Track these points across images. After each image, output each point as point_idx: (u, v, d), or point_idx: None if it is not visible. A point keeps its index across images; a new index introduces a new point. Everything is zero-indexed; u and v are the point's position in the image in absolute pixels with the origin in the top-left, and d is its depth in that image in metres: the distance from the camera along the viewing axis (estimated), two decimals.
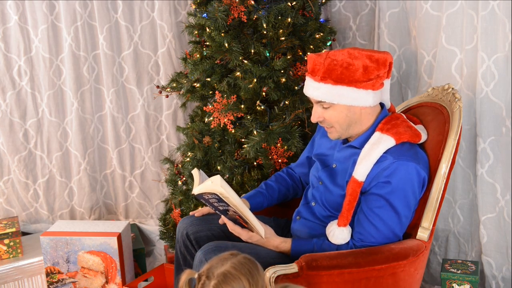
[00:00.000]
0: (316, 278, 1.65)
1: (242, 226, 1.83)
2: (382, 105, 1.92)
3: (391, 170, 1.72)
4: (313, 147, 2.09)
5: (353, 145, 1.86)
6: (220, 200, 1.73)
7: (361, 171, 1.75)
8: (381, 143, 1.76)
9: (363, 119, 1.84)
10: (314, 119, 1.87)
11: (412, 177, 1.75)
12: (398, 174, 1.72)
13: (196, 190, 1.77)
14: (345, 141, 1.92)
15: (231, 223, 1.83)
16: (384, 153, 1.75)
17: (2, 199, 3.10)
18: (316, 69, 1.81)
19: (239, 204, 1.72)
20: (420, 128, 1.93)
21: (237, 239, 1.85)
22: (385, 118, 1.86)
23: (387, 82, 1.89)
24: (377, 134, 1.80)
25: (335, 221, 1.79)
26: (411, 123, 1.90)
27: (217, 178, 1.71)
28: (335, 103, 1.79)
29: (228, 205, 1.74)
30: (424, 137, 1.90)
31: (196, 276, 1.32)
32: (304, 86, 1.88)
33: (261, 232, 1.78)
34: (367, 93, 1.79)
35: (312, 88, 1.82)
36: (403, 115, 1.92)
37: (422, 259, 1.79)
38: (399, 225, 1.76)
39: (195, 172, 1.86)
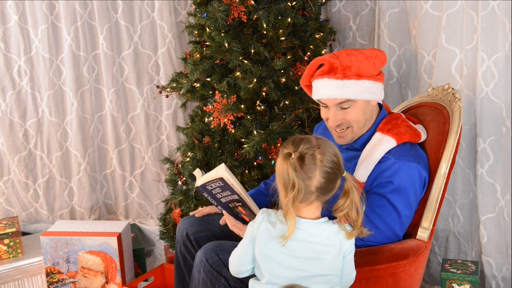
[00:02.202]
0: None
1: (244, 222, 1.82)
2: (380, 105, 1.93)
3: (393, 171, 1.72)
4: None
5: (354, 147, 1.86)
6: (224, 188, 1.73)
7: (362, 172, 1.75)
8: (382, 144, 1.76)
9: (373, 116, 1.85)
10: (334, 123, 1.80)
11: (414, 177, 1.75)
12: (400, 174, 1.72)
13: (200, 181, 1.77)
14: None
15: (232, 219, 1.82)
16: (386, 153, 1.75)
17: (2, 199, 3.10)
18: (334, 67, 1.77)
19: (243, 190, 1.72)
20: (419, 127, 1.93)
21: (238, 239, 1.85)
22: (385, 118, 1.86)
23: None
24: (378, 135, 1.80)
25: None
26: (410, 122, 1.90)
27: (222, 165, 1.72)
28: (359, 98, 1.77)
29: (232, 193, 1.73)
30: (423, 136, 1.90)
31: (294, 155, 1.36)
32: (316, 91, 1.82)
33: None
34: (381, 86, 1.82)
35: (334, 88, 1.76)
36: (402, 114, 1.92)
37: (422, 259, 1.79)
38: (400, 225, 1.76)
39: (197, 171, 1.86)
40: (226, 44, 2.33)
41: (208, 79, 2.46)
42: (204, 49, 2.48)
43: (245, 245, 1.53)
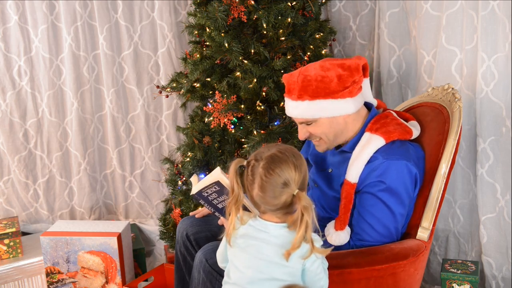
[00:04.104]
0: None
1: None
2: (370, 106, 1.92)
3: (382, 170, 1.72)
4: (310, 147, 2.09)
5: (344, 150, 1.86)
6: (220, 193, 1.73)
7: (353, 173, 1.75)
8: (370, 143, 1.76)
9: (348, 126, 1.84)
10: (301, 137, 1.86)
11: (404, 174, 1.74)
12: (389, 173, 1.72)
13: (196, 188, 1.77)
14: (338, 146, 1.92)
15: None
16: (374, 153, 1.75)
17: (2, 199, 3.10)
18: (291, 89, 1.81)
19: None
20: (412, 124, 1.92)
21: None
22: (373, 118, 1.86)
23: (365, 82, 1.89)
24: (366, 135, 1.80)
25: (333, 223, 1.79)
26: (401, 120, 1.89)
27: (218, 168, 1.73)
28: (316, 118, 1.79)
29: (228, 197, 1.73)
30: (416, 133, 1.89)
31: (245, 163, 1.44)
32: (285, 107, 1.87)
33: None
34: (345, 101, 1.79)
35: (291, 108, 1.82)
36: (392, 112, 1.91)
37: (422, 259, 1.79)
38: (394, 223, 1.76)
39: (193, 177, 1.87)
40: (226, 44, 2.33)
41: (208, 79, 2.46)
42: (204, 49, 2.49)
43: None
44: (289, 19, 2.35)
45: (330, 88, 1.76)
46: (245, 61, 2.35)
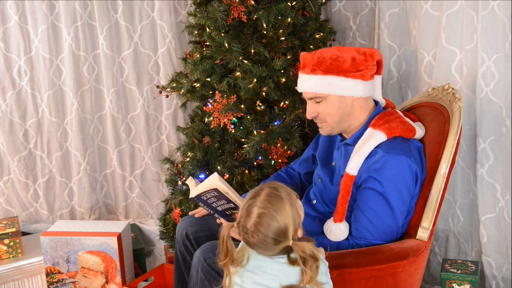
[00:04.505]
0: None
1: None
2: (376, 103, 1.93)
3: (381, 164, 1.73)
4: (318, 144, 2.11)
5: (347, 143, 1.88)
6: (218, 198, 1.73)
7: (353, 165, 1.77)
8: (372, 138, 1.78)
9: (355, 111, 1.86)
10: (308, 115, 1.90)
11: (404, 170, 1.75)
12: (388, 168, 1.73)
13: (194, 192, 1.77)
14: (342, 139, 1.93)
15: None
16: (376, 147, 1.77)
17: (2, 199, 3.10)
18: (306, 63, 1.86)
19: (238, 198, 1.72)
20: (418, 125, 1.93)
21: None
22: (378, 114, 1.87)
23: (378, 79, 1.91)
24: (369, 130, 1.82)
25: (332, 218, 1.79)
26: (407, 119, 1.90)
27: (215, 174, 1.72)
28: (325, 93, 1.82)
29: (228, 202, 1.73)
30: (420, 133, 1.90)
31: (235, 224, 1.47)
32: (298, 83, 1.92)
33: None
34: (356, 82, 1.82)
35: (303, 82, 1.87)
36: (398, 111, 1.93)
37: (422, 259, 1.79)
38: (394, 219, 1.76)
39: (190, 180, 1.87)
40: (226, 44, 2.33)
41: (208, 79, 2.46)
42: (204, 49, 2.49)
43: None
44: (289, 19, 2.35)
45: (343, 67, 1.80)
46: (245, 61, 2.35)
